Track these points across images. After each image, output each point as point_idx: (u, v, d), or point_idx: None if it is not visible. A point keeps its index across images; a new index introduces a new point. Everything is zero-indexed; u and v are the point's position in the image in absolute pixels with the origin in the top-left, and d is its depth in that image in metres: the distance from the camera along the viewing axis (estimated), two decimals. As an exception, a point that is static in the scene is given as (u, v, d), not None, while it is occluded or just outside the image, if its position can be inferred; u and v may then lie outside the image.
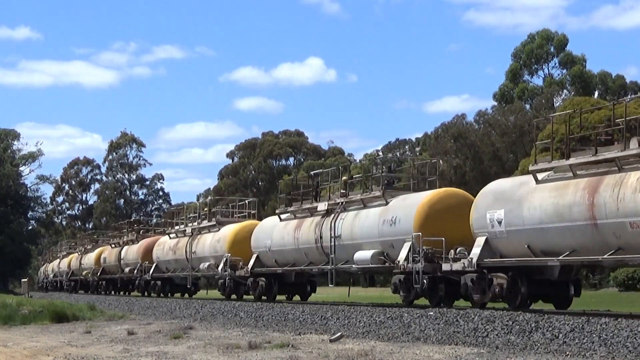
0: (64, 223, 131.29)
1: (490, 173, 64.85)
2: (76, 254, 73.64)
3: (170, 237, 49.19)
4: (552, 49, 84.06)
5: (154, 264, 49.69)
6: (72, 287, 71.17)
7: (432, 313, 22.35)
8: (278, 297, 36.37)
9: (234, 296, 39.14)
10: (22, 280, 71.20)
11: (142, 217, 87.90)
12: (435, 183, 30.94)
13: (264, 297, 35.94)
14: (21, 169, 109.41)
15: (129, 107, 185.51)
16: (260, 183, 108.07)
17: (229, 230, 40.27)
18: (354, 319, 23.53)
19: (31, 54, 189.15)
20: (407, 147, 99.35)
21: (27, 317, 30.21)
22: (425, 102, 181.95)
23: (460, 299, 26.19)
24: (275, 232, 35.03)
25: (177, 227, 48.74)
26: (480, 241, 23.56)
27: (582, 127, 26.80)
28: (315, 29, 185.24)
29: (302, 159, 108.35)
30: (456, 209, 26.04)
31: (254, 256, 36.43)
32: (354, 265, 29.22)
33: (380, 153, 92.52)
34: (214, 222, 43.19)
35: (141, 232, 61.06)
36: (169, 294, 49.45)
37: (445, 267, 24.68)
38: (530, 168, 23.18)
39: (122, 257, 56.82)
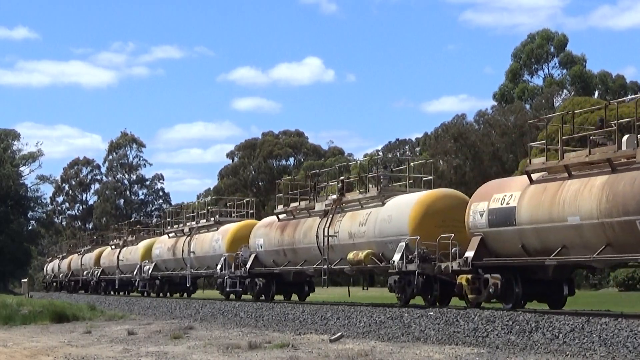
0: (64, 223, 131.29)
1: (491, 173, 64.84)
2: (95, 252, 69.14)
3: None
4: (552, 49, 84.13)
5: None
6: (94, 287, 65.57)
7: (432, 313, 22.36)
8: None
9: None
10: (22, 280, 71.04)
11: (142, 218, 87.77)
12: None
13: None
14: (21, 169, 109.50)
15: (127, 107, 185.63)
16: (260, 183, 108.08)
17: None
18: (354, 319, 23.53)
19: (29, 54, 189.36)
20: (407, 147, 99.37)
21: (27, 317, 30.20)
22: (423, 102, 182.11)
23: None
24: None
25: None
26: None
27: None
28: (313, 29, 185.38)
29: (302, 159, 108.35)
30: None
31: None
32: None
33: (380, 153, 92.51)
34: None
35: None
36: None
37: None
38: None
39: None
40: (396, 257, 26.30)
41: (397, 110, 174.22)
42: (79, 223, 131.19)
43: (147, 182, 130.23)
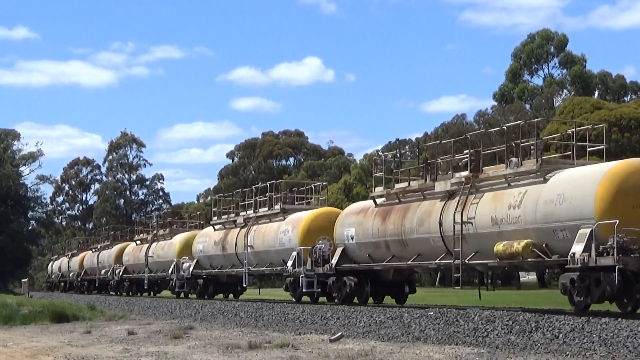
0: (64, 223, 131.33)
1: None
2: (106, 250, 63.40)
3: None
4: (552, 49, 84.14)
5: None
6: (115, 287, 58.83)
7: (432, 313, 22.38)
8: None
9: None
10: (22, 280, 70.90)
11: (142, 218, 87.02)
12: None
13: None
14: (21, 169, 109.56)
15: (127, 107, 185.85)
16: (260, 183, 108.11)
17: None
18: (354, 319, 23.54)
19: (29, 54, 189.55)
20: (407, 147, 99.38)
21: (27, 317, 30.19)
22: (423, 102, 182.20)
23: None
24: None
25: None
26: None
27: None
28: (313, 29, 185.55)
29: (302, 159, 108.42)
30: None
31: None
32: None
33: (381, 153, 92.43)
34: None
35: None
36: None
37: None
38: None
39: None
40: (576, 249, 20.24)
41: (397, 110, 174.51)
42: (79, 223, 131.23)
43: (147, 182, 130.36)
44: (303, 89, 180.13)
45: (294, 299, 33.34)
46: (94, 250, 67.70)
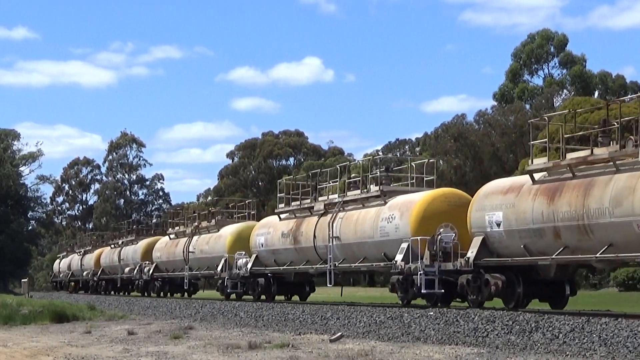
0: (64, 223, 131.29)
1: (490, 173, 64.85)
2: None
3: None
4: (552, 49, 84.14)
5: (254, 256, 37.78)
6: (143, 287, 52.79)
7: (432, 313, 22.36)
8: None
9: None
10: (22, 280, 70.79)
11: (142, 218, 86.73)
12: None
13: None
14: (21, 169, 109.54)
15: (127, 107, 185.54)
16: (260, 183, 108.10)
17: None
18: (354, 319, 23.53)
19: (29, 54, 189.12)
20: (407, 147, 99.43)
21: (27, 317, 30.20)
22: (422, 102, 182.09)
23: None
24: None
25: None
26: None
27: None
28: (313, 29, 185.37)
29: (302, 159, 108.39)
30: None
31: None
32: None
33: (380, 153, 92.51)
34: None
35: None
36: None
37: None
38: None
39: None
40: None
41: (397, 110, 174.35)
42: (79, 223, 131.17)
43: (147, 182, 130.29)
44: (303, 89, 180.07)
45: (400, 302, 27.73)
46: (113, 246, 61.03)
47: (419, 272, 25.32)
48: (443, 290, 25.39)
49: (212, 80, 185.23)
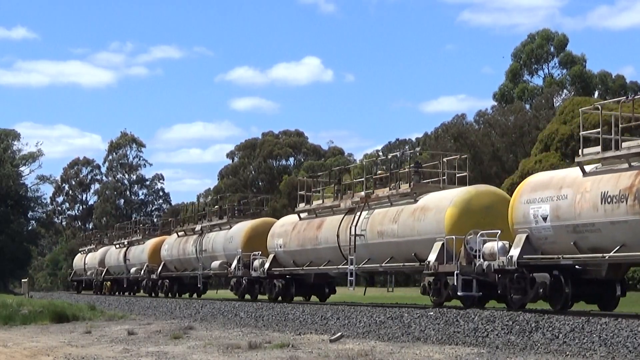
0: (64, 223, 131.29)
1: (490, 173, 64.87)
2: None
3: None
4: (552, 49, 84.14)
5: (271, 256, 36.60)
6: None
7: (432, 313, 22.37)
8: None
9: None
10: (22, 280, 70.69)
11: (142, 218, 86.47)
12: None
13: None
14: (21, 169, 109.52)
15: (126, 107, 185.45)
16: (260, 183, 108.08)
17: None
18: (354, 319, 23.53)
19: (28, 54, 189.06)
20: (407, 147, 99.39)
21: (27, 317, 30.20)
22: (421, 102, 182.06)
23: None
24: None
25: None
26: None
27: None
28: (312, 28, 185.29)
29: (302, 159, 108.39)
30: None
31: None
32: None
33: (381, 153, 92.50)
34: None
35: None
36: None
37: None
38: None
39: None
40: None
41: (396, 110, 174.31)
42: (79, 223, 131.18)
43: (147, 182, 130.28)
44: (302, 89, 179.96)
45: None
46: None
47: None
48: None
49: (212, 80, 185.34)
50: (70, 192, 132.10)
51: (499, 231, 23.28)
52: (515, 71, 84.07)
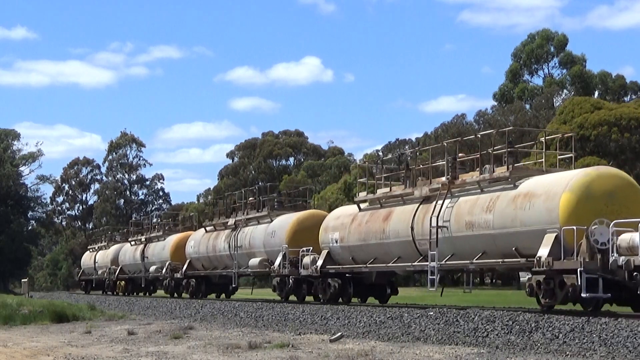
0: (64, 223, 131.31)
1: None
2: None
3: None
4: (552, 49, 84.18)
5: (325, 252, 31.94)
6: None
7: (432, 313, 22.37)
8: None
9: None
10: (22, 280, 70.64)
11: (142, 218, 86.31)
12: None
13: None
14: (21, 169, 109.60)
15: (126, 107, 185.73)
16: (260, 183, 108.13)
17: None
18: (354, 319, 23.53)
19: (28, 54, 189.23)
20: (407, 147, 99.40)
21: (27, 317, 30.21)
22: (421, 102, 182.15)
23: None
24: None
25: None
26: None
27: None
28: (312, 29, 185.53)
29: (302, 159, 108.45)
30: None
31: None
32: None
33: (380, 153, 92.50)
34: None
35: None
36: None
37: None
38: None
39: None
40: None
41: (395, 110, 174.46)
42: (79, 223, 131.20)
43: (147, 182, 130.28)
44: (302, 89, 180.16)
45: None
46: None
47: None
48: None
49: (211, 80, 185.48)
50: (70, 192, 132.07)
51: None
52: (515, 71, 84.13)
